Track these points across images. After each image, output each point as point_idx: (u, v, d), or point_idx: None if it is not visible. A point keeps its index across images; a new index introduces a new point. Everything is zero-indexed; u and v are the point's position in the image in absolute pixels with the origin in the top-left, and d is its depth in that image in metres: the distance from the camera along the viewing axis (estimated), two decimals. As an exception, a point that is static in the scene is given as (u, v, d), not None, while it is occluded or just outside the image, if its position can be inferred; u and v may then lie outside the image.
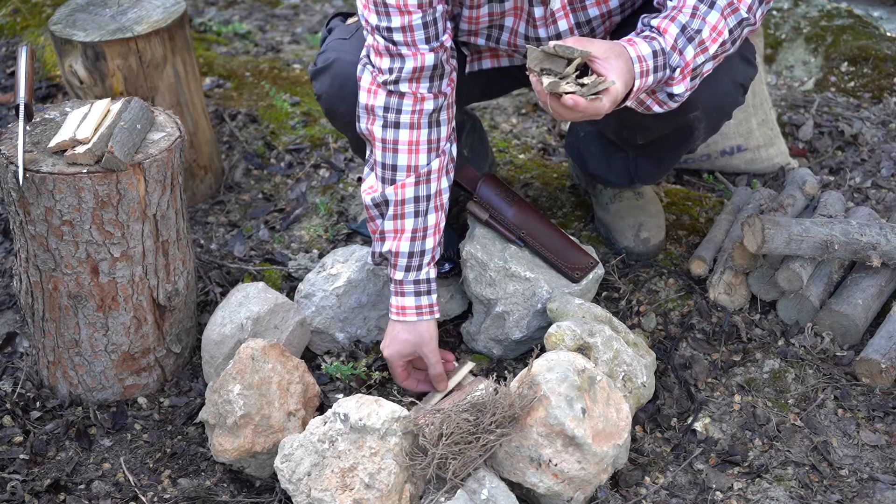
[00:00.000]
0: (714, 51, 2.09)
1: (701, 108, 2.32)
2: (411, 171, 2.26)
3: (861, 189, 3.06)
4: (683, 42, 2.05)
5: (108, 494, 2.23)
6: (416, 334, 2.33)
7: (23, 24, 3.85)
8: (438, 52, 2.18)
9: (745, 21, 2.11)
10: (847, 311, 2.48)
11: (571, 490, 2.07)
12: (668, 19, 2.06)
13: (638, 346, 2.36)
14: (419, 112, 2.23)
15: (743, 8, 2.10)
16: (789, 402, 2.41)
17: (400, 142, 2.24)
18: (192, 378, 2.49)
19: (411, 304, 2.32)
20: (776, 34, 3.78)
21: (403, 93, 2.20)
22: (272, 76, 3.56)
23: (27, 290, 2.35)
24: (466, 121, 2.76)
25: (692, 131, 2.40)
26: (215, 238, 2.90)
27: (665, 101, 2.11)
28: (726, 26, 2.09)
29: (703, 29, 2.07)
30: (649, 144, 2.51)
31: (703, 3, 2.07)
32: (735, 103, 2.39)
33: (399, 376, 2.38)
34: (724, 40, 2.10)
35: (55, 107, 2.41)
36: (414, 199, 2.28)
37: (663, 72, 2.04)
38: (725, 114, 2.41)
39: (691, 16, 2.06)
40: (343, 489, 2.03)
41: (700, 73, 2.11)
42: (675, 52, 2.04)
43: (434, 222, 2.32)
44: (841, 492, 2.20)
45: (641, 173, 2.64)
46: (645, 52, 2.00)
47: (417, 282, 2.32)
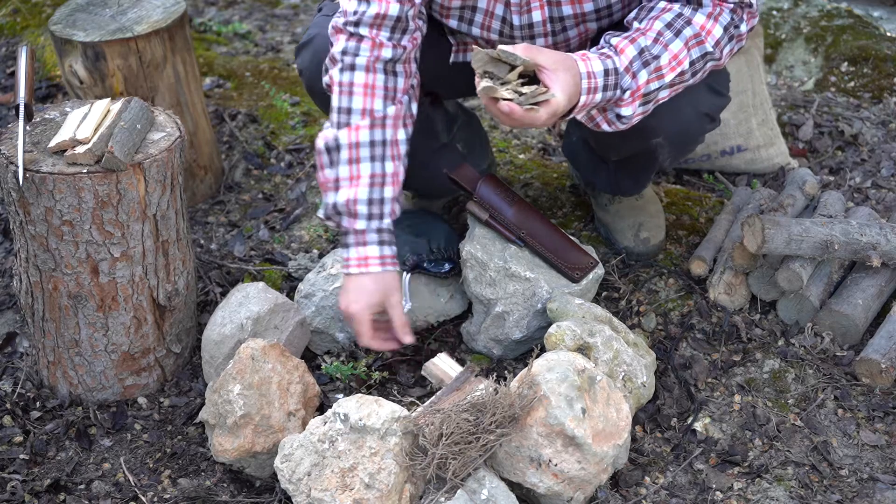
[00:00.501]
0: (671, 79, 2.07)
1: (663, 136, 2.33)
2: (366, 114, 2.23)
3: (861, 189, 3.06)
4: (639, 66, 2.03)
5: (108, 494, 2.23)
6: (384, 283, 2.26)
7: (23, 24, 3.85)
8: (405, 5, 2.18)
9: (710, 55, 2.10)
10: (847, 311, 2.48)
11: (571, 490, 2.07)
12: (629, 40, 2.04)
13: (638, 346, 2.36)
14: (376, 58, 2.21)
15: (710, 42, 2.08)
16: (789, 402, 2.41)
17: (355, 84, 2.22)
18: (192, 378, 2.49)
19: (375, 254, 2.26)
20: (776, 34, 3.78)
21: (363, 36, 2.20)
22: (272, 76, 3.56)
23: (27, 290, 2.35)
24: (459, 115, 2.76)
25: (656, 155, 2.42)
26: (215, 238, 2.90)
27: (613, 121, 2.10)
28: (688, 57, 2.08)
29: (662, 56, 2.05)
30: (622, 161, 2.54)
31: (669, 30, 2.06)
32: (701, 131, 2.40)
33: (366, 333, 2.28)
34: (684, 70, 2.08)
35: (55, 107, 2.41)
36: (370, 144, 2.24)
37: (613, 91, 2.03)
38: (691, 141, 2.42)
39: (654, 41, 2.05)
40: (343, 489, 2.03)
41: (654, 100, 2.09)
42: (627, 73, 2.03)
43: (392, 170, 2.26)
44: (841, 492, 2.20)
45: (622, 186, 2.67)
46: (596, 70, 1.99)
47: (380, 230, 2.26)
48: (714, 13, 2.09)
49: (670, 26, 2.06)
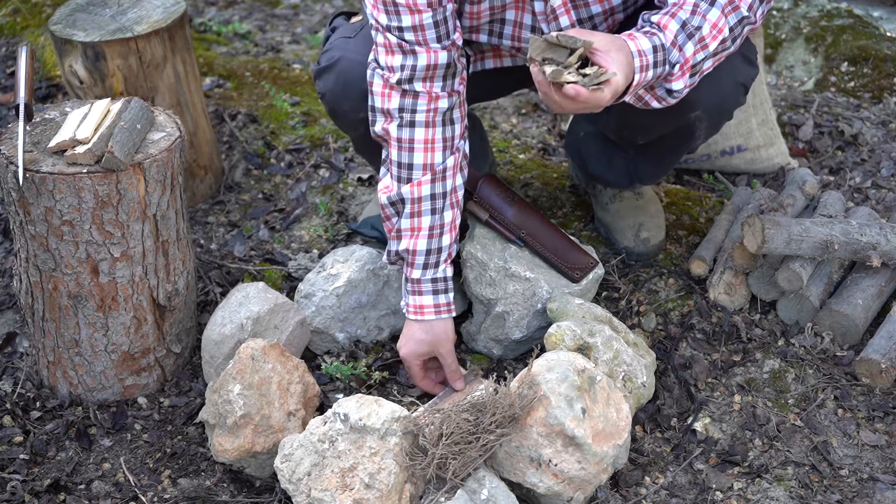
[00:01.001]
0: (714, 48, 2.09)
1: (702, 108, 2.32)
2: (427, 169, 2.26)
3: (861, 189, 3.06)
4: (683, 38, 2.05)
5: (108, 494, 2.23)
6: (433, 333, 2.32)
7: (23, 24, 3.85)
8: (451, 51, 2.19)
9: (746, 19, 2.11)
10: (847, 311, 2.48)
11: (571, 490, 2.07)
12: (669, 15, 2.06)
13: (638, 346, 2.36)
14: (434, 111, 2.23)
15: (744, 6, 2.10)
16: (789, 402, 2.41)
17: (416, 140, 2.24)
18: (192, 378, 2.49)
19: (429, 303, 2.31)
20: (776, 34, 3.78)
21: (418, 92, 2.20)
22: (272, 76, 3.56)
23: (27, 290, 2.35)
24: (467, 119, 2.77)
25: (693, 131, 2.40)
26: (215, 238, 2.90)
27: (664, 98, 2.11)
28: (727, 24, 2.09)
29: (704, 26, 2.07)
30: (650, 144, 2.51)
31: (703, 1, 2.07)
32: (736, 103, 2.39)
33: (416, 376, 2.37)
34: (725, 38, 2.10)
35: (55, 107, 2.41)
36: (430, 197, 2.28)
37: (662, 67, 2.04)
38: (726, 113, 2.41)
39: (692, 13, 2.06)
40: (343, 489, 2.03)
41: (700, 71, 2.11)
42: (674, 48, 2.04)
43: (450, 219, 2.32)
44: (841, 492, 2.20)
45: (641, 174, 2.64)
46: (645, 47, 2.00)
47: (435, 280, 2.31)
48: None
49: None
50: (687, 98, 2.19)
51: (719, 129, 2.47)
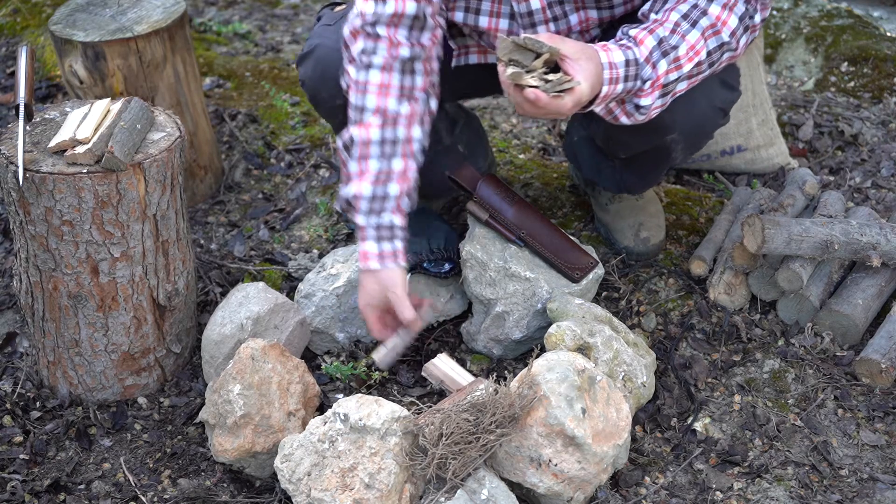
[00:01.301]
0: (688, 70, 2.07)
1: (678, 131, 2.33)
2: (378, 112, 2.23)
3: (861, 189, 3.06)
4: (658, 56, 2.04)
5: (108, 494, 2.23)
6: (380, 283, 2.24)
7: (23, 24, 3.85)
8: (422, 3, 2.18)
9: (726, 45, 2.10)
10: (847, 311, 2.48)
11: (571, 490, 2.07)
12: (647, 31, 2.05)
13: (638, 346, 2.36)
14: (393, 57, 2.21)
15: (725, 32, 2.09)
16: (789, 402, 2.41)
17: (370, 83, 2.22)
18: (192, 378, 2.49)
19: (373, 251, 2.24)
20: (776, 34, 3.78)
21: (380, 36, 2.19)
22: (272, 76, 3.56)
23: (27, 290, 2.35)
24: (460, 116, 2.76)
25: (670, 152, 2.42)
26: (215, 238, 2.90)
27: (632, 113, 2.10)
28: (705, 47, 2.08)
29: (681, 46, 2.05)
30: (631, 159, 2.53)
31: (685, 21, 2.06)
32: (714, 126, 2.39)
33: (373, 328, 2.28)
34: (701, 61, 2.08)
35: (55, 107, 2.41)
36: (380, 142, 2.23)
37: (633, 82, 2.03)
38: (704, 136, 2.42)
39: (671, 31, 2.05)
40: (343, 489, 2.03)
41: (672, 91, 2.10)
42: (648, 64, 2.03)
43: (400, 168, 2.25)
44: (841, 492, 2.20)
45: (628, 184, 2.66)
46: (617, 60, 1.99)
47: (379, 227, 2.24)
48: (729, 3, 2.09)
49: (686, 17, 2.07)
50: (663, 121, 2.19)
51: (699, 148, 2.48)
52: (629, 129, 2.18)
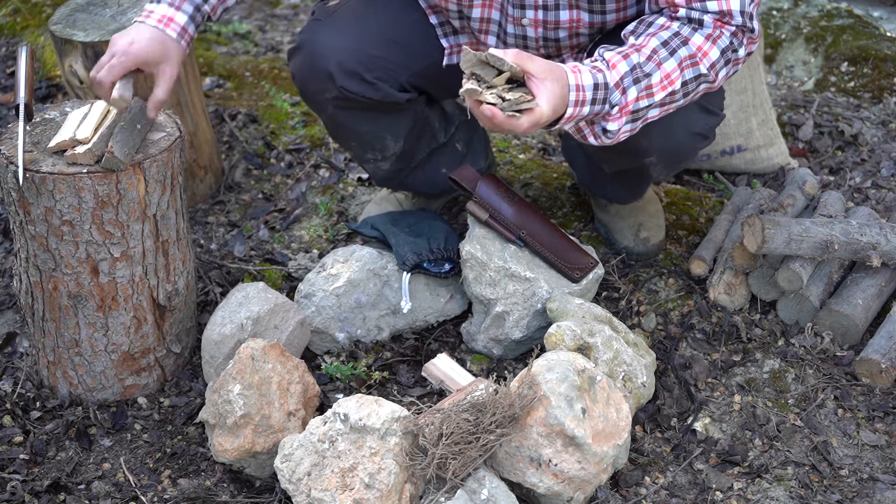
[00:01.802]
0: (661, 98, 2.04)
1: (655, 155, 2.34)
2: None
3: (861, 189, 3.06)
4: (629, 82, 2.01)
5: (108, 494, 2.23)
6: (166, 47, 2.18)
7: (23, 24, 3.85)
8: None
9: (703, 77, 2.07)
10: (847, 311, 2.48)
11: (571, 490, 2.07)
12: (622, 56, 2.02)
13: (638, 346, 2.36)
14: None
15: (705, 64, 2.06)
16: (789, 402, 2.41)
17: None
18: (192, 378, 2.49)
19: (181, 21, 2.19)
20: (776, 34, 3.78)
21: None
22: (272, 76, 3.56)
23: (27, 290, 2.35)
24: (458, 114, 2.76)
25: (649, 172, 2.44)
26: (215, 238, 2.90)
27: (599, 135, 2.08)
28: (680, 77, 2.05)
29: (654, 74, 2.03)
30: (616, 173, 2.54)
31: (664, 49, 2.03)
32: (693, 150, 2.40)
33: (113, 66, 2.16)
34: (675, 90, 2.05)
35: (55, 107, 2.40)
36: None
37: (601, 106, 2.01)
38: (683, 159, 2.44)
39: (647, 58, 2.03)
40: (343, 489, 2.03)
41: (643, 118, 2.07)
42: (617, 89, 2.00)
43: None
44: (841, 492, 2.20)
45: (618, 194, 2.68)
46: (586, 83, 1.97)
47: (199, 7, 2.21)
48: (713, 35, 2.06)
49: (666, 45, 2.04)
50: (639, 144, 2.18)
51: (680, 168, 2.53)
52: (609, 150, 2.17)
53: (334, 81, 2.33)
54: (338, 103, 2.38)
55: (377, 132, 2.49)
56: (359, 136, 2.50)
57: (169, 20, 2.20)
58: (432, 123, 2.61)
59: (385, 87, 2.36)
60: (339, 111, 2.41)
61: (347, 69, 2.32)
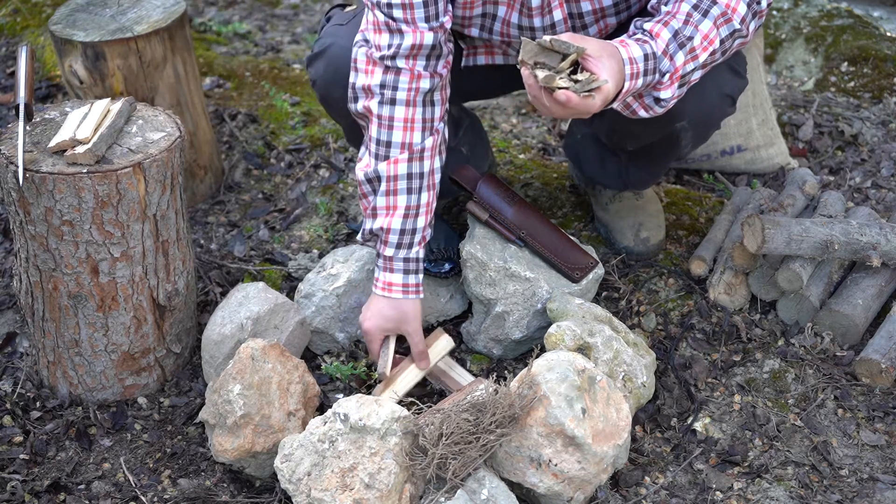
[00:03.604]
0: (704, 59, 2.08)
1: (688, 119, 2.33)
2: (405, 147, 2.26)
3: (861, 189, 3.06)
4: (675, 48, 2.04)
5: (108, 494, 2.23)
6: (400, 312, 2.33)
7: (23, 24, 3.85)
8: (438, 32, 2.19)
9: (738, 32, 2.10)
10: (847, 311, 2.48)
11: (571, 490, 2.07)
12: (662, 24, 2.05)
13: (638, 346, 2.36)
14: (415, 90, 2.23)
15: (736, 19, 2.09)
16: (789, 402, 2.41)
17: (395, 118, 2.24)
18: (192, 378, 2.49)
19: (398, 282, 2.32)
20: (776, 34, 3.78)
21: (400, 69, 2.20)
22: (272, 76, 3.56)
23: (27, 290, 2.35)
24: (464, 118, 2.77)
25: (679, 140, 2.42)
26: (215, 238, 2.90)
27: (651, 106, 2.10)
28: (718, 36, 2.08)
29: (695, 36, 2.06)
30: (639, 151, 2.53)
31: (696, 11, 2.06)
32: (723, 114, 2.40)
33: (374, 351, 2.38)
34: (715, 49, 2.09)
35: (55, 107, 2.41)
36: (407, 176, 2.28)
37: (653, 76, 2.03)
38: (713, 124, 2.42)
39: (684, 22, 2.05)
40: (343, 489, 2.03)
41: (688, 81, 2.10)
42: (665, 56, 2.03)
43: (427, 201, 2.32)
44: (841, 492, 2.20)
45: (633, 179, 2.66)
46: (636, 55, 1.99)
47: (407, 260, 2.32)
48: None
49: (697, 7, 2.07)
50: (673, 109, 2.19)
51: (707, 138, 2.48)
52: (640, 121, 2.17)
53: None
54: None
55: None
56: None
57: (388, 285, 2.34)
58: None
59: None
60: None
61: None
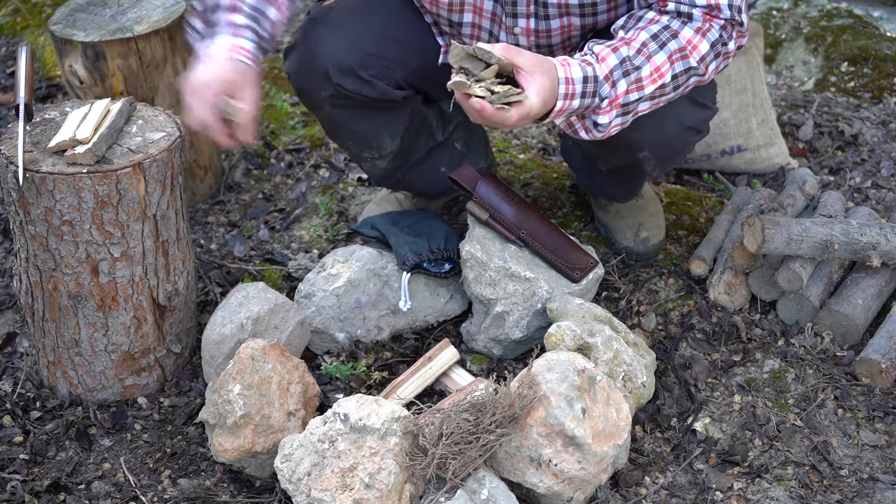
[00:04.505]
0: (650, 91, 2.05)
1: (648, 149, 2.34)
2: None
3: (861, 189, 3.06)
4: (619, 75, 2.02)
5: (108, 494, 2.23)
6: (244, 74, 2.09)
7: (23, 24, 3.85)
8: None
9: (693, 70, 2.08)
10: (847, 311, 2.48)
11: (571, 490, 2.07)
12: (611, 49, 2.03)
13: (638, 346, 2.36)
14: None
15: (694, 57, 2.06)
16: (789, 402, 2.41)
17: None
18: (192, 378, 2.49)
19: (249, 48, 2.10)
20: (776, 34, 3.78)
21: None
22: (272, 76, 3.56)
23: (27, 290, 2.35)
24: (456, 113, 2.76)
25: (643, 168, 2.43)
26: (215, 238, 2.90)
27: (590, 129, 2.08)
28: (670, 70, 2.05)
29: (644, 67, 2.03)
30: (612, 170, 2.55)
31: (654, 42, 2.04)
32: (685, 144, 2.39)
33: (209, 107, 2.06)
34: (665, 84, 2.06)
35: (55, 107, 2.40)
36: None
37: (591, 99, 2.01)
38: (676, 154, 2.43)
39: (637, 51, 2.03)
40: (343, 489, 2.03)
41: (633, 111, 2.08)
42: (607, 82, 2.01)
43: None
44: (841, 492, 2.20)
45: (615, 193, 2.69)
46: (575, 76, 1.97)
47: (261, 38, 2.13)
48: (703, 28, 2.06)
49: (656, 38, 2.05)
50: (632, 139, 2.18)
51: (675, 163, 2.50)
52: (603, 146, 2.17)
53: (330, 79, 2.33)
54: (334, 101, 2.38)
55: (374, 130, 2.49)
56: (355, 135, 2.51)
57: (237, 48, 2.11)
58: (430, 122, 2.61)
59: (381, 84, 2.36)
60: (336, 109, 2.41)
61: (343, 67, 2.32)
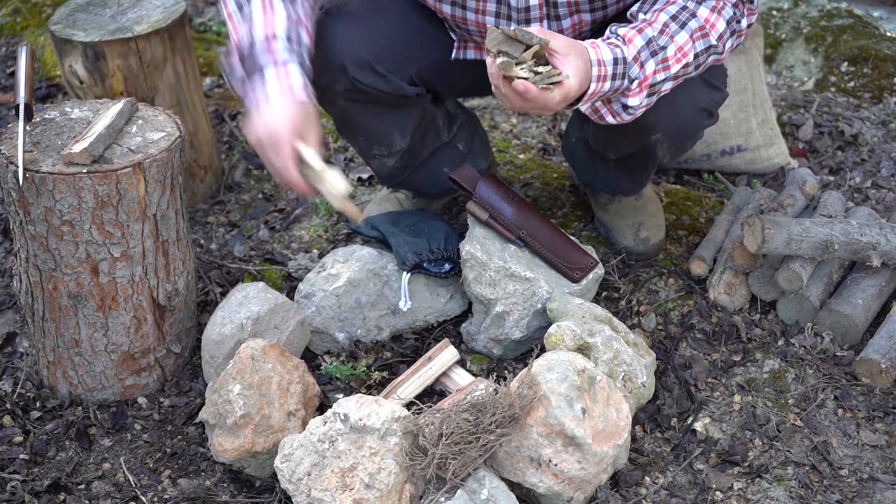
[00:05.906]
0: (675, 71, 2.08)
1: (662, 132, 2.34)
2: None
3: (861, 189, 3.06)
4: (646, 55, 2.04)
5: (108, 494, 2.23)
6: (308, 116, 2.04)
7: (23, 24, 3.85)
8: None
9: (713, 49, 2.11)
10: (847, 311, 2.48)
11: (571, 490, 2.07)
12: (636, 31, 2.05)
13: (638, 346, 2.36)
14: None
15: (713, 35, 2.10)
16: (789, 402, 2.41)
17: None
18: (192, 378, 2.49)
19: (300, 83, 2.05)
20: (776, 34, 3.78)
21: None
22: (272, 76, 3.56)
23: (27, 290, 2.35)
24: (459, 114, 2.76)
25: (654, 152, 2.43)
26: (215, 238, 2.90)
27: (619, 112, 2.10)
28: (693, 49, 2.09)
29: (669, 47, 2.06)
30: (622, 160, 2.54)
31: (674, 22, 2.07)
32: (698, 127, 2.40)
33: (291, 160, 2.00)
34: (688, 63, 2.09)
35: (55, 107, 2.40)
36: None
37: (621, 81, 2.03)
38: (688, 137, 2.42)
39: (660, 32, 2.06)
40: (343, 489, 2.03)
41: (658, 91, 2.10)
42: (636, 63, 2.03)
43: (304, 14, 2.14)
44: (841, 492, 2.20)
45: (621, 186, 2.68)
46: (606, 58, 1.99)
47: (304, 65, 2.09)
48: (717, 6, 2.11)
49: (675, 18, 2.08)
50: (647, 121, 2.19)
51: (686, 149, 2.49)
52: (616, 130, 2.18)
53: (346, 73, 2.33)
54: (349, 96, 2.38)
55: (385, 127, 2.50)
56: (367, 131, 2.51)
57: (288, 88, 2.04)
58: (437, 121, 2.61)
59: (395, 79, 2.37)
60: (349, 104, 2.41)
61: (359, 61, 2.32)
